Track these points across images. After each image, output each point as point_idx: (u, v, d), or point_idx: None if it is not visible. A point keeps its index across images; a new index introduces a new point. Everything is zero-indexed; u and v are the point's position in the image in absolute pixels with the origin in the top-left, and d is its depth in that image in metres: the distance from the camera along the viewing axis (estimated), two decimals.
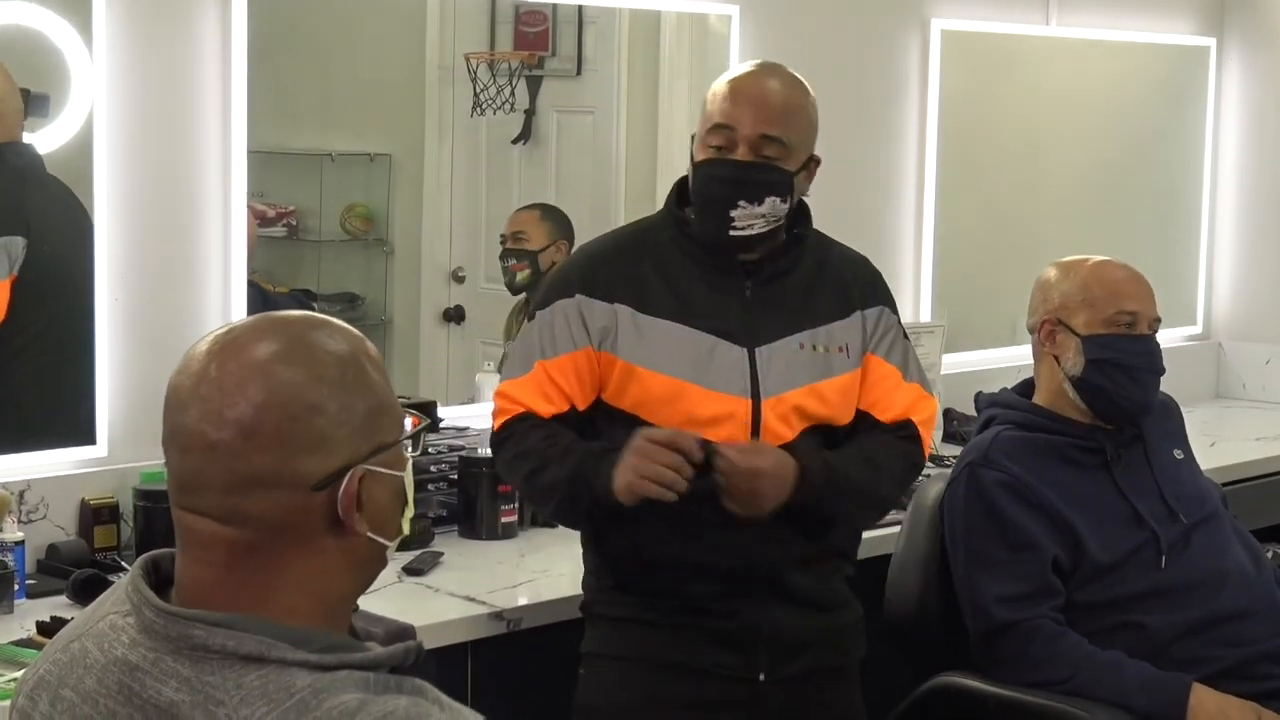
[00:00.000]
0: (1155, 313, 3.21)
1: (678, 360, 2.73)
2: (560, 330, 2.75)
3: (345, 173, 4.91)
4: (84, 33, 3.25)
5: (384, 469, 1.46)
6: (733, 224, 2.73)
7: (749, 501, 2.65)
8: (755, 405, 2.73)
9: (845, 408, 2.82)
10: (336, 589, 1.47)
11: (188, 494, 1.44)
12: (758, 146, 2.73)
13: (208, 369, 1.43)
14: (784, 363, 2.76)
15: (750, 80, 2.77)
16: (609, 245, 2.85)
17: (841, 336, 2.82)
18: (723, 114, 2.73)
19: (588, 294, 2.75)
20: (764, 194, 2.73)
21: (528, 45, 4.80)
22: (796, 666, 2.79)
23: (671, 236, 2.80)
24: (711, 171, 2.74)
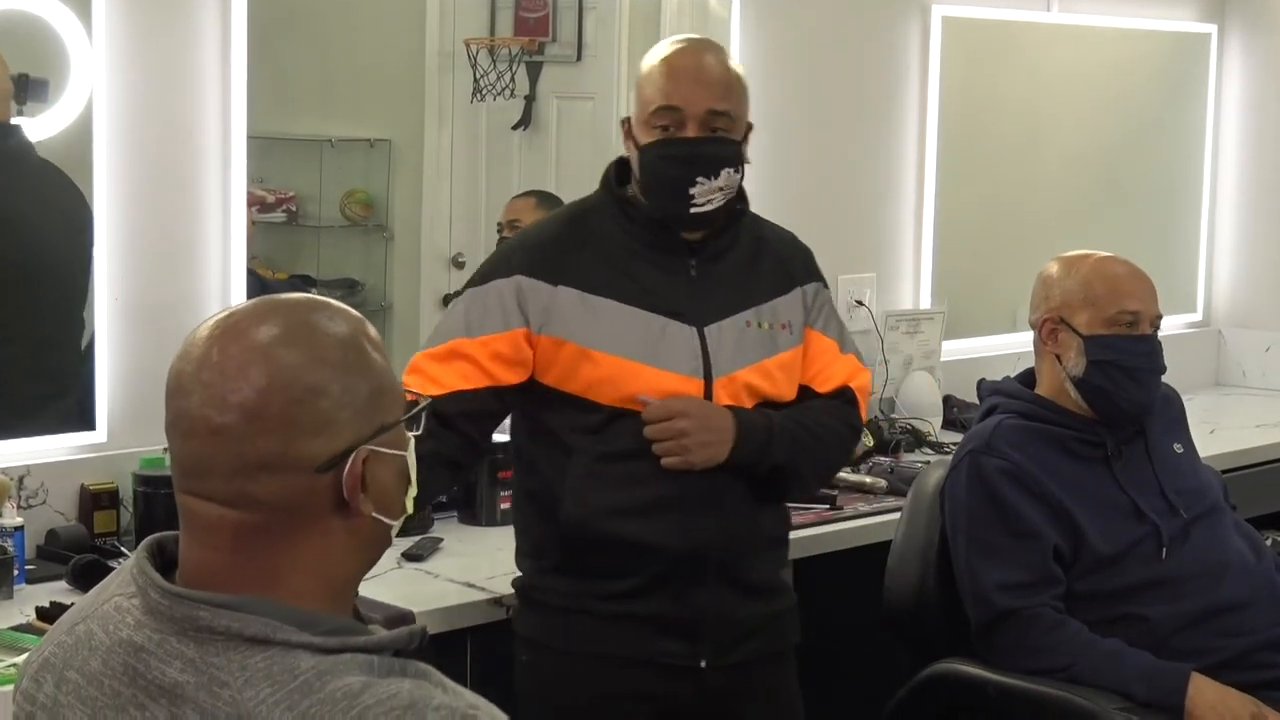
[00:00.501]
0: (1157, 310, 3.20)
1: (629, 341, 2.73)
2: (492, 309, 2.73)
3: (345, 158, 4.91)
4: (83, 17, 3.24)
5: (387, 449, 1.47)
6: (693, 200, 2.74)
7: (676, 447, 2.69)
8: (708, 384, 2.76)
9: (790, 384, 2.86)
10: (342, 570, 1.47)
11: (192, 479, 1.44)
12: (706, 122, 2.73)
13: (209, 353, 1.43)
14: (733, 341, 2.79)
15: (686, 58, 2.76)
16: (551, 228, 2.84)
17: (784, 313, 2.85)
18: (666, 95, 2.73)
19: (530, 275, 2.74)
20: (719, 167, 2.74)
21: (528, 31, 4.80)
22: (739, 654, 2.80)
23: (614, 217, 2.80)
24: (665, 152, 2.74)
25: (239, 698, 1.37)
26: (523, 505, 2.86)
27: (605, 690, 2.75)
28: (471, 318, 2.73)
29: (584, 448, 2.74)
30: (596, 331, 2.72)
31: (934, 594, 3.18)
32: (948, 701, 3.12)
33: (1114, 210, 5.36)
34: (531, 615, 2.82)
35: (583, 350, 2.72)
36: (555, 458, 2.76)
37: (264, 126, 3.77)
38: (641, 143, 2.76)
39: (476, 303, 2.75)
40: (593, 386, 2.73)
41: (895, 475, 3.89)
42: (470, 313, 2.74)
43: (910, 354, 4.64)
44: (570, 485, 2.73)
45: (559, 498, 2.74)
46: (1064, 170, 5.25)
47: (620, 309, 2.74)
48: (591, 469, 2.73)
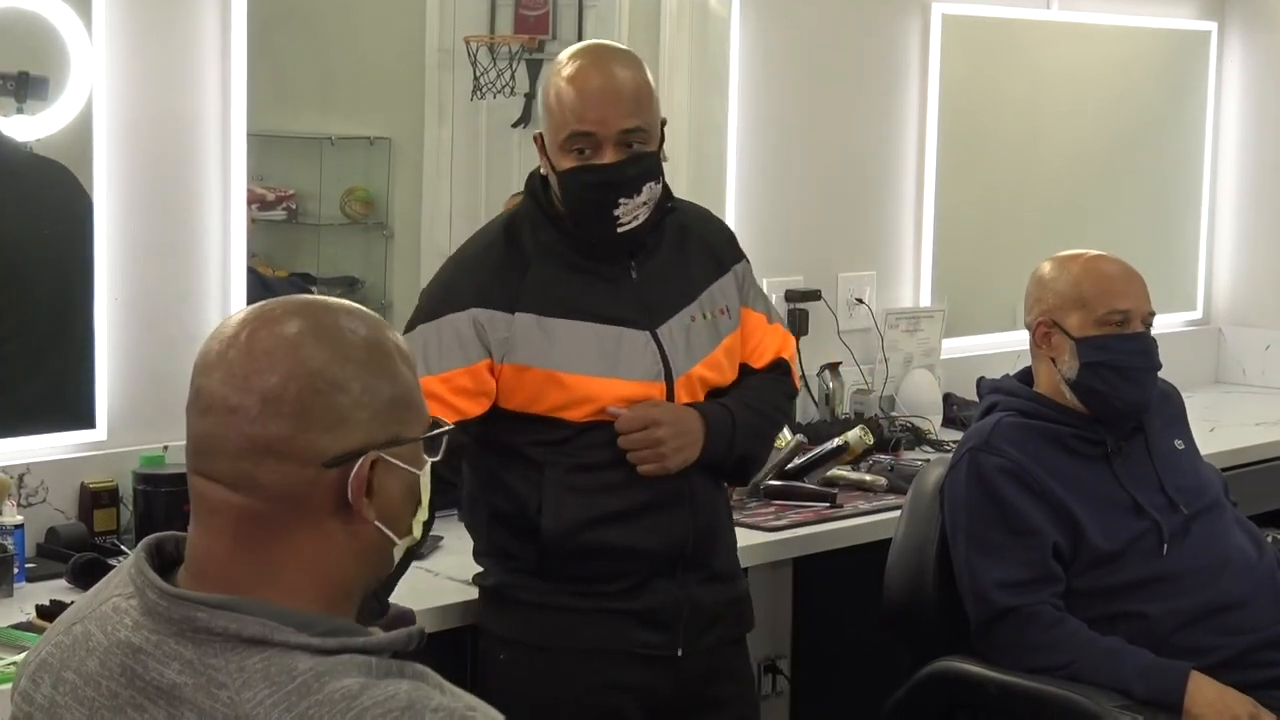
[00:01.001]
0: (1149, 307, 3.19)
1: (590, 357, 2.73)
2: (450, 345, 2.70)
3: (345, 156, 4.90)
4: (83, 15, 3.24)
5: (399, 461, 1.47)
6: (619, 221, 2.72)
7: (653, 455, 2.73)
8: (669, 386, 2.78)
9: (733, 368, 2.90)
10: (339, 573, 1.47)
11: (202, 457, 1.45)
12: (621, 141, 2.70)
13: (238, 335, 1.45)
14: (684, 339, 2.81)
15: (594, 77, 2.70)
16: (490, 252, 2.79)
17: (720, 298, 2.87)
18: (579, 119, 2.68)
19: (485, 306, 2.71)
20: (640, 184, 2.72)
21: (528, 29, 4.80)
22: (710, 638, 2.84)
23: (547, 232, 2.77)
24: (584, 179, 2.71)
25: (237, 699, 1.37)
26: (488, 522, 2.84)
27: (588, 683, 2.76)
28: (430, 354, 2.69)
29: (555, 461, 2.75)
30: (558, 353, 2.72)
31: (934, 592, 3.18)
32: (947, 700, 3.12)
33: (1114, 208, 5.35)
34: (507, 613, 2.82)
35: (549, 374, 2.72)
36: (526, 474, 2.76)
37: (264, 124, 3.77)
38: (559, 167, 2.72)
39: (433, 338, 2.71)
40: (561, 407, 2.73)
41: (895, 473, 3.90)
42: (428, 349, 2.70)
43: (910, 352, 4.64)
44: (548, 500, 2.73)
45: (535, 513, 2.74)
46: (1064, 168, 5.24)
47: (576, 326, 2.73)
48: (566, 482, 2.74)
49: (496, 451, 2.79)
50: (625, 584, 2.76)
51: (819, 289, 4.46)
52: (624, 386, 2.75)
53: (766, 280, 4.23)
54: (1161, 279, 5.55)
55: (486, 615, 2.86)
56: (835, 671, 3.53)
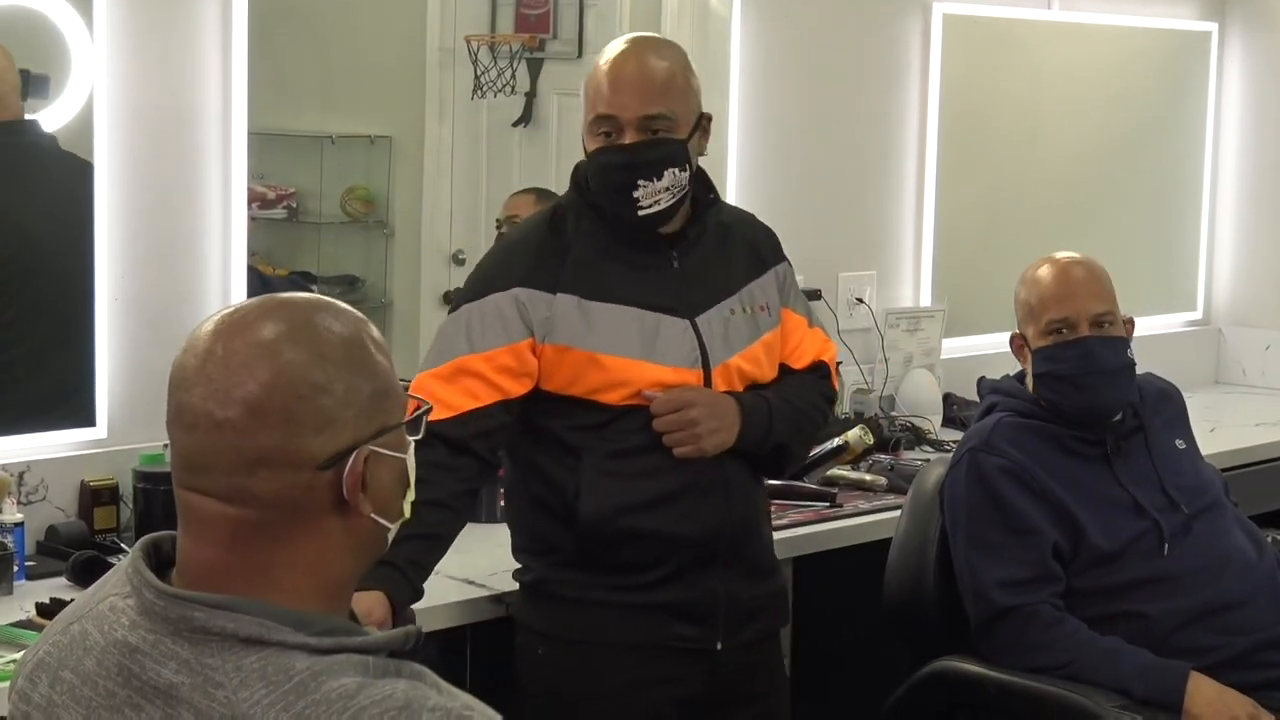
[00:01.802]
0: (1100, 308, 3.15)
1: (629, 340, 2.77)
2: (492, 323, 2.75)
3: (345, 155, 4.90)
4: (84, 13, 3.24)
5: (388, 450, 1.47)
6: (639, 204, 2.77)
7: (688, 437, 2.75)
8: (706, 374, 2.82)
9: (771, 365, 2.93)
10: (338, 570, 1.47)
11: (192, 473, 1.44)
12: (643, 127, 2.76)
13: (214, 348, 1.44)
14: (722, 329, 2.85)
15: (625, 64, 2.79)
16: (533, 236, 2.85)
17: (760, 295, 2.91)
18: (604, 103, 2.77)
19: (527, 285, 2.76)
20: (661, 168, 2.76)
21: (528, 28, 4.80)
22: (748, 633, 2.87)
23: (591, 219, 2.82)
24: (604, 160, 2.78)
25: (234, 699, 1.37)
26: (528, 509, 2.87)
27: (626, 678, 2.79)
28: (473, 332, 2.75)
29: (592, 447, 2.77)
30: (597, 335, 2.76)
31: (933, 591, 3.18)
32: (947, 699, 3.13)
33: (1114, 209, 5.35)
34: (545, 608, 2.84)
35: (588, 355, 2.75)
36: (563, 459, 2.79)
37: (264, 122, 3.77)
38: (588, 149, 2.81)
39: (476, 317, 2.76)
40: (599, 389, 2.76)
41: (895, 473, 3.90)
42: (471, 328, 2.75)
43: (910, 352, 4.64)
44: (586, 485, 2.76)
45: (573, 498, 2.76)
46: (1064, 168, 5.24)
47: (616, 310, 2.77)
48: (604, 467, 2.77)
49: (534, 438, 2.82)
50: (662, 573, 2.78)
51: (819, 289, 4.46)
52: (662, 371, 2.78)
53: None
54: (1161, 279, 5.58)
55: (525, 610, 2.88)
56: (835, 671, 3.53)
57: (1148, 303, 5.17)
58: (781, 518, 3.58)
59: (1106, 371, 3.14)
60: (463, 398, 2.72)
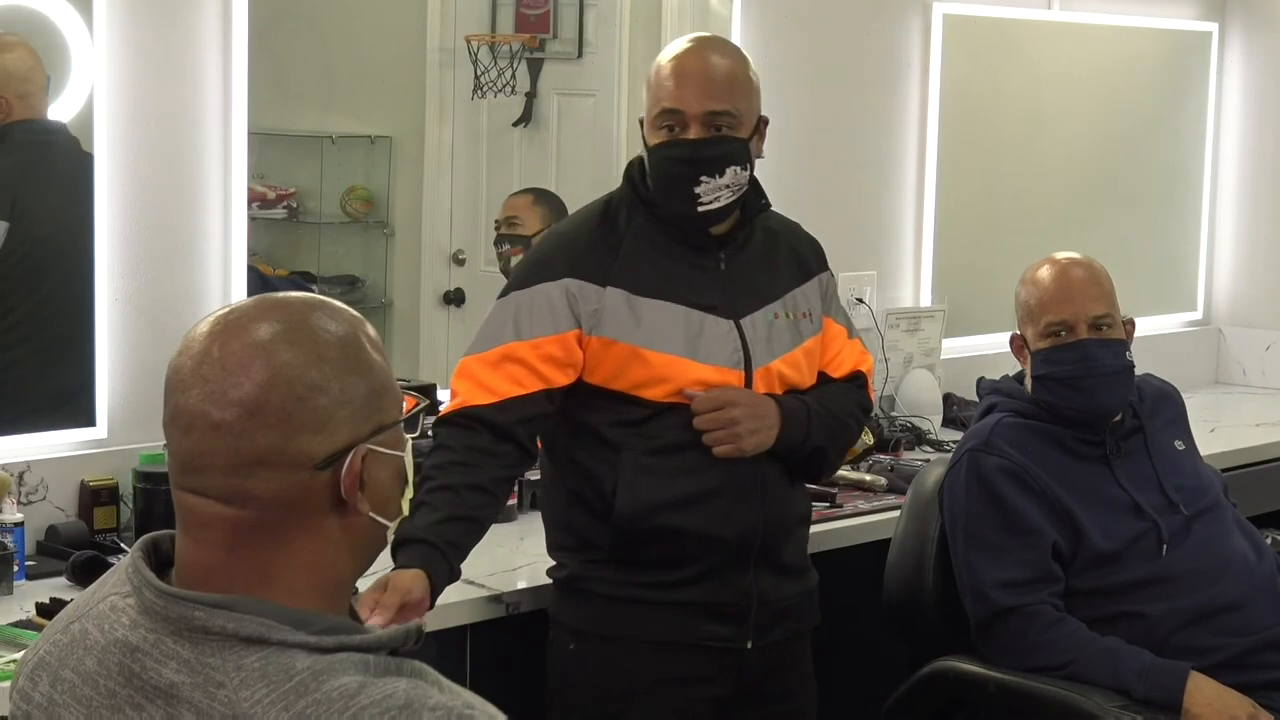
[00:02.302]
0: (1099, 310, 3.15)
1: (674, 337, 2.79)
2: (541, 312, 2.77)
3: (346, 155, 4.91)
4: (84, 13, 3.24)
5: (385, 449, 1.47)
6: (699, 200, 2.79)
7: (727, 436, 2.77)
8: (747, 375, 2.84)
9: (811, 372, 2.96)
10: (337, 570, 1.47)
11: (190, 475, 1.44)
12: (708, 123, 2.79)
13: (210, 349, 1.43)
14: (765, 332, 2.87)
15: (690, 60, 2.81)
16: (585, 228, 2.87)
17: (804, 303, 2.94)
18: (670, 98, 2.79)
19: (577, 277, 2.78)
20: (723, 165, 2.79)
21: (529, 28, 4.80)
22: (779, 632, 2.89)
23: (642, 215, 2.84)
24: (668, 154, 2.79)
25: (235, 698, 1.37)
26: (564, 503, 2.89)
27: (657, 675, 2.80)
28: (521, 320, 2.77)
29: (631, 443, 2.79)
30: (644, 331, 2.78)
31: (933, 591, 3.18)
32: (947, 699, 3.13)
33: (1114, 209, 5.35)
34: (579, 604, 2.85)
35: (633, 349, 2.78)
36: (602, 454, 2.81)
37: (264, 122, 3.77)
38: (650, 143, 2.82)
39: (525, 304, 2.78)
40: (642, 384, 2.79)
41: (895, 473, 3.90)
42: (519, 315, 2.77)
43: (910, 352, 4.64)
44: (623, 480, 2.78)
45: (610, 494, 2.78)
46: (1064, 169, 5.24)
47: (663, 306, 2.80)
48: (642, 464, 2.79)
49: (572, 432, 2.84)
50: (694, 571, 2.80)
51: None
52: (704, 370, 2.80)
53: None
54: (1161, 279, 5.58)
55: (558, 606, 2.90)
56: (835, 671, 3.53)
57: (1148, 303, 5.17)
58: None
59: (1105, 374, 3.13)
60: (507, 384, 2.74)
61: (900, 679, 3.18)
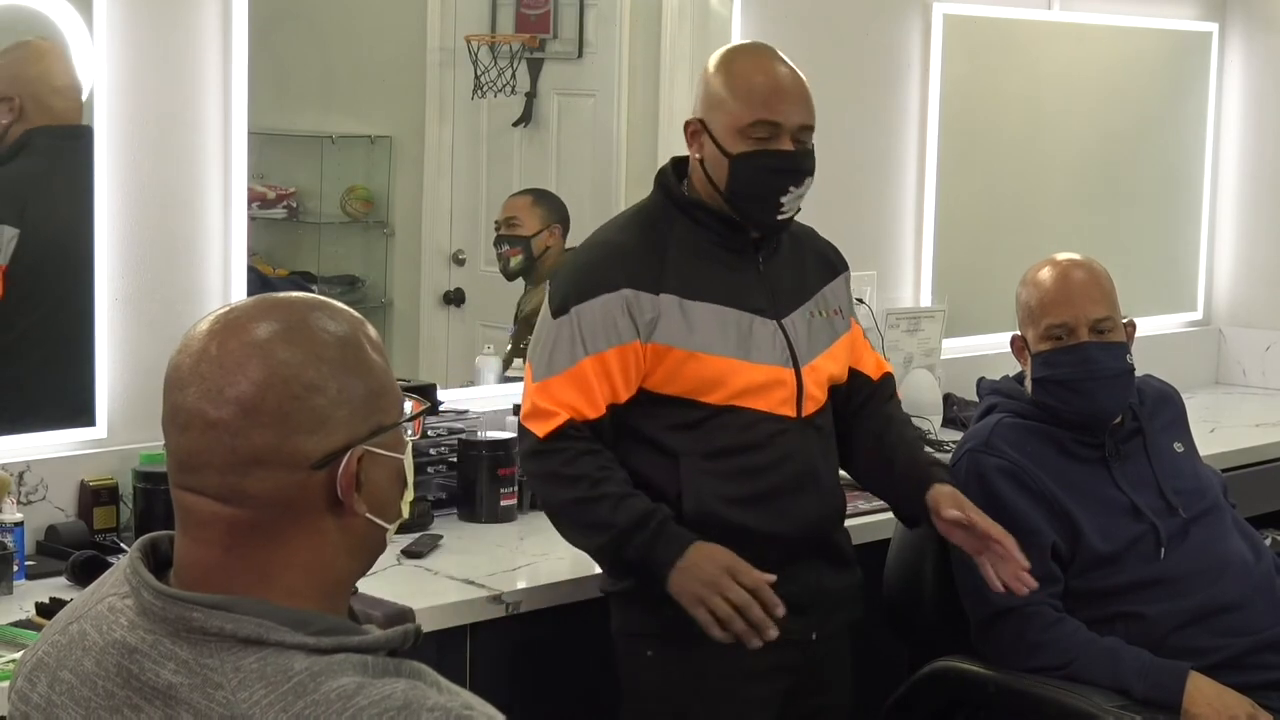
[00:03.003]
0: (1099, 312, 3.14)
1: (725, 340, 2.84)
2: (605, 325, 2.78)
3: (346, 155, 4.91)
4: (85, 13, 3.24)
5: (383, 450, 1.47)
6: (781, 209, 2.86)
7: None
8: (796, 374, 2.89)
9: (846, 366, 3.02)
10: (335, 570, 1.47)
11: (187, 473, 1.44)
12: (796, 136, 2.87)
13: (208, 348, 1.44)
14: (806, 331, 2.93)
15: (780, 72, 2.89)
16: (630, 235, 2.88)
17: (834, 300, 3.01)
18: (768, 109, 2.83)
19: (635, 287, 2.80)
20: (805, 177, 2.89)
21: (529, 28, 4.80)
22: (836, 623, 2.96)
23: (680, 220, 2.87)
24: (765, 164, 2.84)
25: (233, 699, 1.37)
26: None
27: (736, 669, 2.81)
28: (585, 334, 2.78)
29: (688, 448, 2.82)
30: (698, 335, 2.82)
31: (933, 591, 3.18)
32: (947, 699, 3.13)
33: (1115, 209, 5.35)
34: (648, 611, 2.84)
35: (689, 354, 2.81)
36: (658, 460, 2.83)
37: (264, 122, 3.77)
38: (734, 151, 2.83)
39: (588, 318, 2.79)
40: (698, 388, 2.82)
41: None
42: (584, 328, 2.78)
43: (910, 352, 4.64)
44: (686, 483, 2.80)
45: (675, 498, 2.79)
46: (1065, 169, 5.24)
47: (713, 310, 2.83)
48: (701, 467, 2.82)
49: (629, 440, 2.84)
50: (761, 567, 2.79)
51: None
52: (757, 370, 2.84)
53: None
54: (1161, 279, 5.58)
55: (625, 616, 2.90)
56: None
57: (1148, 303, 5.17)
58: None
59: (1105, 377, 3.13)
60: (588, 401, 2.77)
61: (900, 679, 3.18)
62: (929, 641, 3.18)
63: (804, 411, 2.89)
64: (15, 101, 3.27)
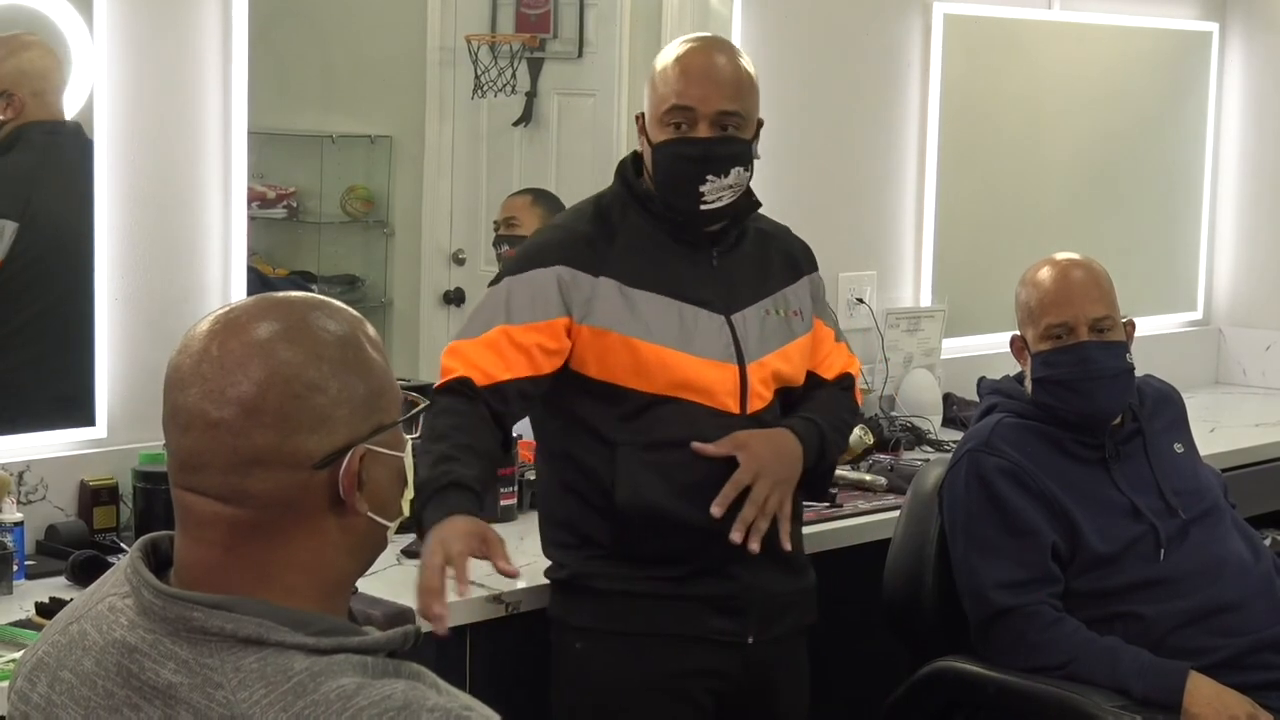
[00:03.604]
0: (1099, 312, 3.15)
1: (667, 330, 2.82)
2: (535, 297, 2.78)
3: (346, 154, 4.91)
4: (85, 12, 3.24)
5: (384, 449, 1.47)
6: (703, 198, 2.83)
7: (767, 508, 2.77)
8: (741, 369, 2.86)
9: (802, 368, 2.99)
10: (336, 570, 1.47)
11: (188, 473, 1.44)
12: (718, 122, 2.82)
13: (209, 348, 1.44)
14: (757, 328, 2.90)
15: (700, 58, 2.84)
16: (581, 220, 2.90)
17: (795, 301, 2.97)
18: (680, 95, 2.81)
19: (571, 266, 2.80)
20: (729, 166, 2.83)
21: (529, 27, 4.80)
22: (780, 628, 2.92)
23: (635, 211, 2.87)
24: (677, 150, 2.82)
25: (233, 699, 1.37)
26: (560, 498, 2.90)
27: (667, 668, 2.81)
28: (511, 305, 2.78)
29: (627, 438, 2.81)
30: (637, 322, 2.81)
31: (932, 592, 3.18)
32: (946, 699, 3.13)
33: (1114, 209, 5.35)
34: (584, 602, 2.86)
35: (625, 339, 2.80)
36: (597, 449, 2.82)
37: (264, 122, 3.77)
38: (655, 140, 2.83)
39: (516, 290, 2.79)
40: (635, 375, 2.81)
41: (895, 473, 3.89)
42: (511, 299, 2.79)
43: (910, 352, 4.64)
44: (621, 474, 2.79)
45: (609, 487, 2.80)
46: (1065, 169, 5.24)
47: (657, 299, 2.82)
48: (639, 458, 2.81)
49: (565, 425, 2.86)
50: (697, 565, 2.81)
51: None
52: (698, 363, 2.83)
53: None
54: (1161, 279, 5.58)
55: (561, 606, 2.91)
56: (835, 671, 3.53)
57: (1148, 303, 5.17)
58: None
59: (1105, 377, 3.13)
60: (498, 367, 2.75)
61: (900, 679, 3.18)
62: (929, 642, 3.18)
63: (749, 408, 2.87)
64: (15, 97, 3.27)
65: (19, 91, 3.27)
